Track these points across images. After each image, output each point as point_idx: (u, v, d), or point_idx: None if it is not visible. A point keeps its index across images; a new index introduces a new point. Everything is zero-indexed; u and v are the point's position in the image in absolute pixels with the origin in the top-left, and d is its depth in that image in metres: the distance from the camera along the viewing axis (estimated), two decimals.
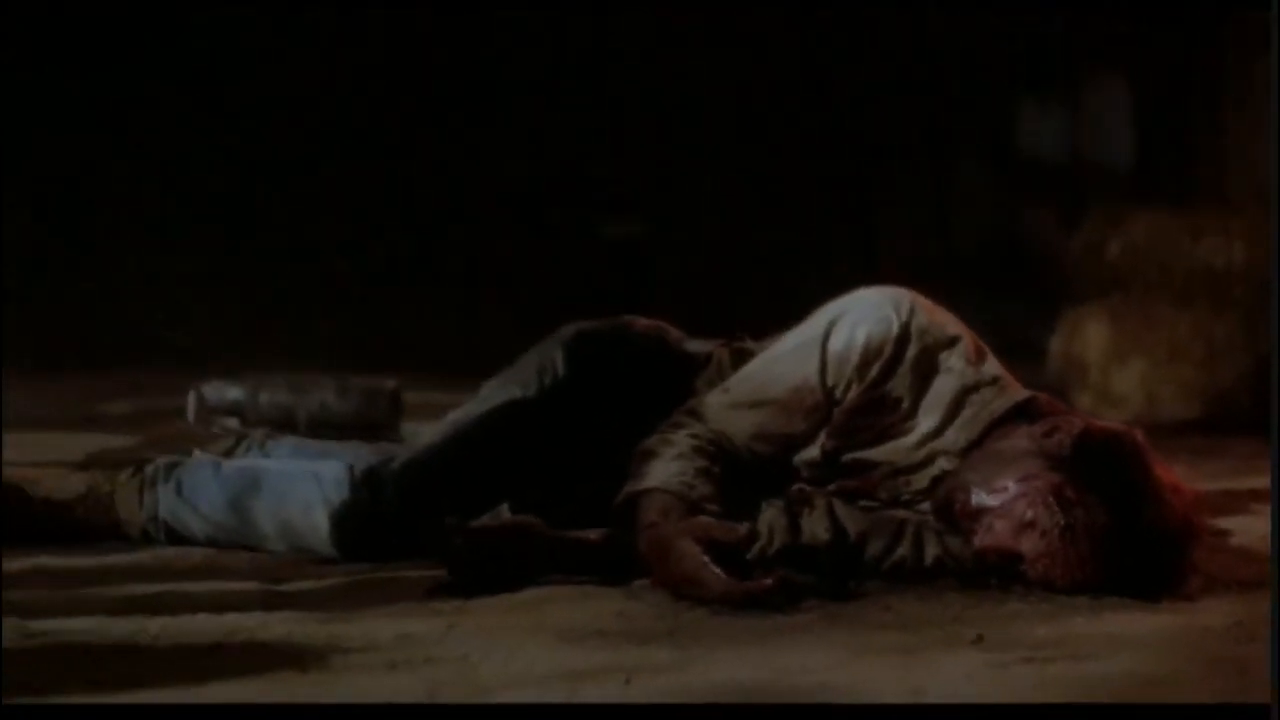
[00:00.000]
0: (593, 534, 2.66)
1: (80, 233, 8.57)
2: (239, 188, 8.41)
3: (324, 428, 4.59)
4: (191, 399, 4.96)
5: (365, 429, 4.66)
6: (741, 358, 2.92)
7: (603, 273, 8.38)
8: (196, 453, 3.26)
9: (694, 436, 2.71)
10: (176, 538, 3.02)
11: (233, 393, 5.00)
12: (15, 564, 2.81)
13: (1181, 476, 2.60)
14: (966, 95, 7.75)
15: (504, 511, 2.71)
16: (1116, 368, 5.88)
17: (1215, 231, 6.01)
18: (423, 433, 3.04)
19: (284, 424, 4.70)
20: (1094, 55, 7.43)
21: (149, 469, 3.09)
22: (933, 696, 1.93)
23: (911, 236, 7.79)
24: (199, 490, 3.04)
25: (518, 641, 2.22)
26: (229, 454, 3.37)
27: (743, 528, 2.55)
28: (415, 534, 2.82)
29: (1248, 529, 3.20)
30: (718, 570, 2.44)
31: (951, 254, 7.57)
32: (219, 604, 2.45)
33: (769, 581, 2.43)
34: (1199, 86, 6.93)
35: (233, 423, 4.80)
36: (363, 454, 3.21)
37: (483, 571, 2.58)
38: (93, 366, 7.59)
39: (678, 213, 8.51)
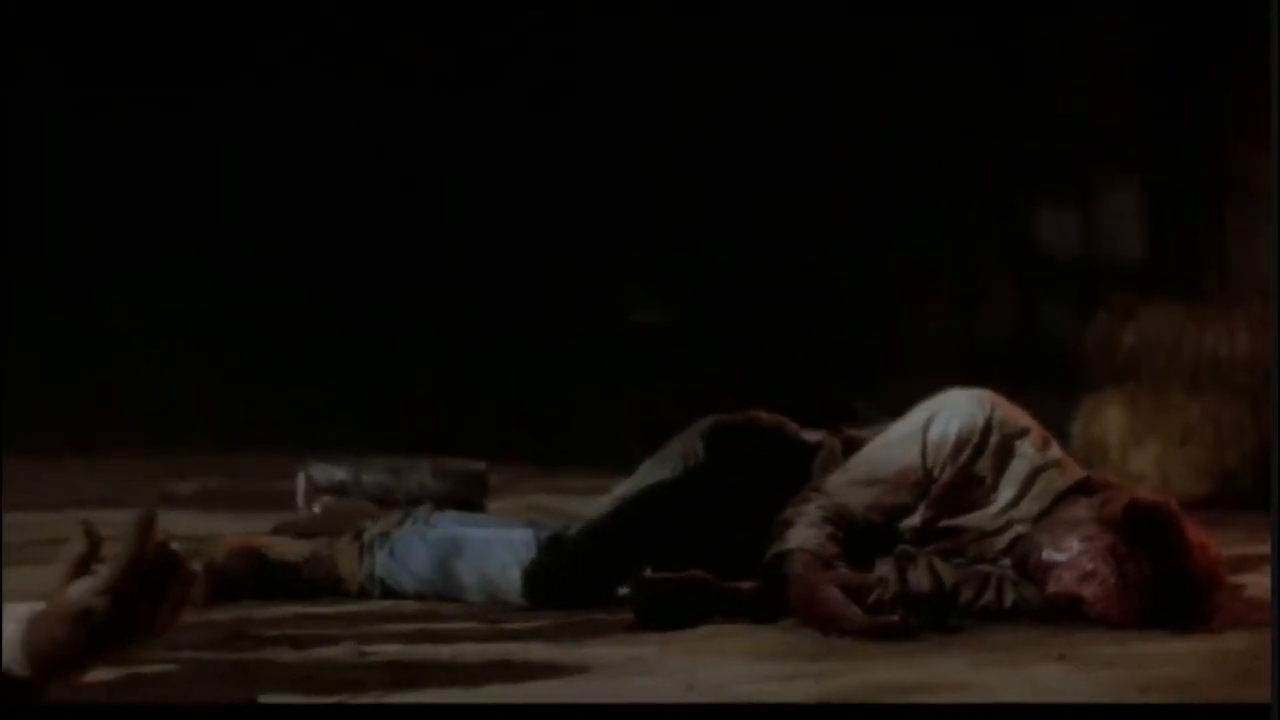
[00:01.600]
0: (746, 585, 3.65)
1: (124, 317, 9.45)
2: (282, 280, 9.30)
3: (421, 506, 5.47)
4: (301, 480, 5.81)
5: (456, 506, 5.57)
6: (851, 446, 3.92)
7: (629, 358, 9.24)
8: (367, 523, 4.26)
9: (821, 508, 3.69)
10: (389, 592, 3.97)
11: (338, 474, 5.91)
12: (277, 611, 3.78)
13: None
14: (984, 196, 8.63)
15: (646, 572, 3.71)
16: (1134, 449, 6.73)
17: (1220, 323, 6.84)
18: (592, 506, 4.02)
19: (384, 502, 5.58)
20: (1104, 158, 8.31)
21: (366, 536, 4.07)
22: (1040, 689, 2.90)
23: (936, 332, 8.65)
24: (410, 553, 4.01)
25: (719, 659, 3.16)
26: (400, 524, 4.36)
27: (871, 578, 3.55)
28: (591, 586, 3.82)
29: (1258, 584, 4.19)
30: (857, 609, 3.43)
31: (975, 347, 8.43)
32: (470, 636, 3.42)
33: (895, 619, 3.41)
34: (1203, 188, 7.84)
35: None
36: (518, 524, 4.20)
37: (666, 614, 3.55)
38: (127, 449, 8.52)
39: (704, 302, 9.34)
